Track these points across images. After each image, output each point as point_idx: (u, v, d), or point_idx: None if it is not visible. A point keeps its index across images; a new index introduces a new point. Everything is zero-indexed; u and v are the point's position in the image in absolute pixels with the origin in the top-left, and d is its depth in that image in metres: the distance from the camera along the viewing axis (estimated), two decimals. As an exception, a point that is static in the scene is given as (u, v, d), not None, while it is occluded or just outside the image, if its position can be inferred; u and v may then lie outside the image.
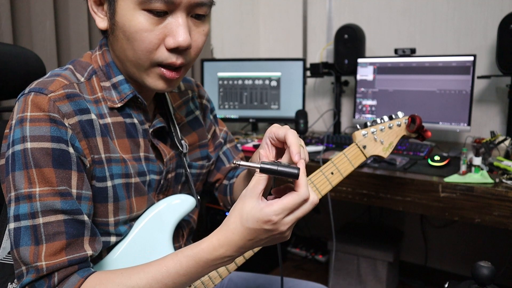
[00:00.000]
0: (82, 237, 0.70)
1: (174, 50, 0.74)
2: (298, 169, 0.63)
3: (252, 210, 0.65)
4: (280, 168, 0.63)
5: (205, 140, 1.01)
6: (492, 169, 1.41)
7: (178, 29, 0.72)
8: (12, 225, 0.68)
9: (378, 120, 1.09)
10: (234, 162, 0.66)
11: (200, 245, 0.68)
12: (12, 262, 0.79)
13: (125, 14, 0.72)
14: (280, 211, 0.64)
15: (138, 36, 0.72)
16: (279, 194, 0.68)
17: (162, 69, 0.75)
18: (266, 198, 0.67)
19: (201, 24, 0.76)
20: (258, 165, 0.64)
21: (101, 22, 0.78)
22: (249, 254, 0.90)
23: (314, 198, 0.67)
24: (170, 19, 0.72)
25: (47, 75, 0.76)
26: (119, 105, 0.79)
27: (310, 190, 0.67)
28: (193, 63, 0.81)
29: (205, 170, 1.01)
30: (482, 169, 1.38)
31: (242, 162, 0.65)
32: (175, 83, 0.80)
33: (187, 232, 0.97)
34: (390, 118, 1.10)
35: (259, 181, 0.66)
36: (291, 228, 0.67)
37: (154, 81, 0.77)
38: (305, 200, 0.65)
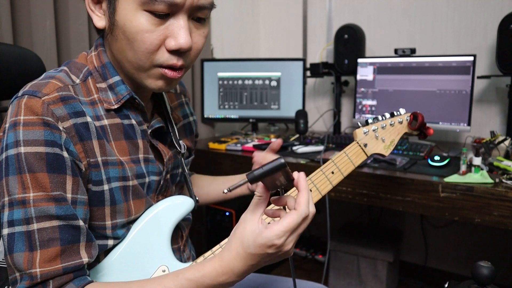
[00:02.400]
0: (77, 243, 0.69)
1: (175, 52, 0.73)
2: (281, 157, 0.60)
3: (253, 235, 0.64)
4: (265, 167, 0.60)
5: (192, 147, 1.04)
6: (492, 169, 1.41)
7: (180, 31, 0.71)
8: (5, 231, 0.67)
9: (380, 117, 1.08)
10: (224, 191, 0.63)
11: (202, 269, 0.67)
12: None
13: (126, 14, 0.71)
14: (282, 234, 0.63)
15: (139, 37, 0.71)
16: (278, 203, 0.67)
17: (164, 69, 0.75)
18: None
19: (201, 27, 0.76)
20: (245, 179, 0.61)
21: (99, 20, 0.76)
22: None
23: (313, 211, 0.66)
24: (172, 20, 0.72)
25: (41, 77, 0.75)
26: (115, 106, 0.78)
27: (310, 202, 0.66)
28: (192, 64, 0.81)
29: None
30: (482, 169, 1.38)
31: (231, 187, 0.62)
32: (175, 83, 0.80)
33: (186, 233, 0.96)
34: (392, 115, 1.09)
35: (258, 203, 0.65)
36: (294, 245, 0.67)
37: (154, 81, 0.77)
38: (306, 218, 0.65)
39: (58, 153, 0.68)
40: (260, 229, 0.63)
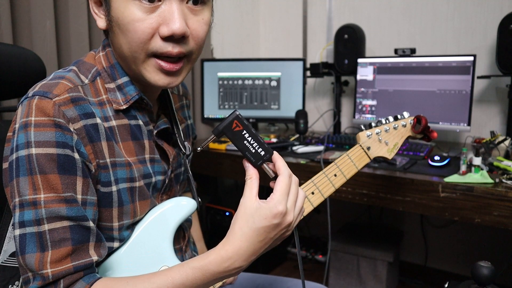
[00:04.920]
0: (87, 243, 0.70)
1: (169, 39, 0.71)
2: (236, 110, 0.71)
3: (258, 210, 0.66)
4: (222, 123, 0.69)
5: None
6: (492, 169, 1.41)
7: (172, 16, 0.69)
8: (17, 232, 0.67)
9: (383, 121, 1.08)
10: (198, 149, 0.73)
11: (207, 257, 0.67)
12: (13, 265, 0.79)
13: (119, 7, 0.71)
14: (281, 198, 0.67)
15: (131, 27, 0.70)
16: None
17: (158, 60, 0.73)
18: None
19: (200, 12, 0.74)
20: (213, 136, 0.71)
21: (101, 21, 0.77)
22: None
23: (295, 177, 0.72)
24: (163, 6, 0.70)
25: (50, 77, 0.74)
26: (124, 107, 0.78)
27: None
28: (196, 55, 0.78)
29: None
30: (482, 169, 1.38)
31: (203, 144, 0.72)
32: (178, 77, 0.77)
33: (188, 233, 0.97)
34: (395, 118, 1.09)
35: (252, 185, 0.69)
36: (296, 217, 0.71)
37: (153, 76, 0.75)
38: (291, 178, 0.70)
39: (69, 154, 0.68)
40: (261, 204, 0.67)
